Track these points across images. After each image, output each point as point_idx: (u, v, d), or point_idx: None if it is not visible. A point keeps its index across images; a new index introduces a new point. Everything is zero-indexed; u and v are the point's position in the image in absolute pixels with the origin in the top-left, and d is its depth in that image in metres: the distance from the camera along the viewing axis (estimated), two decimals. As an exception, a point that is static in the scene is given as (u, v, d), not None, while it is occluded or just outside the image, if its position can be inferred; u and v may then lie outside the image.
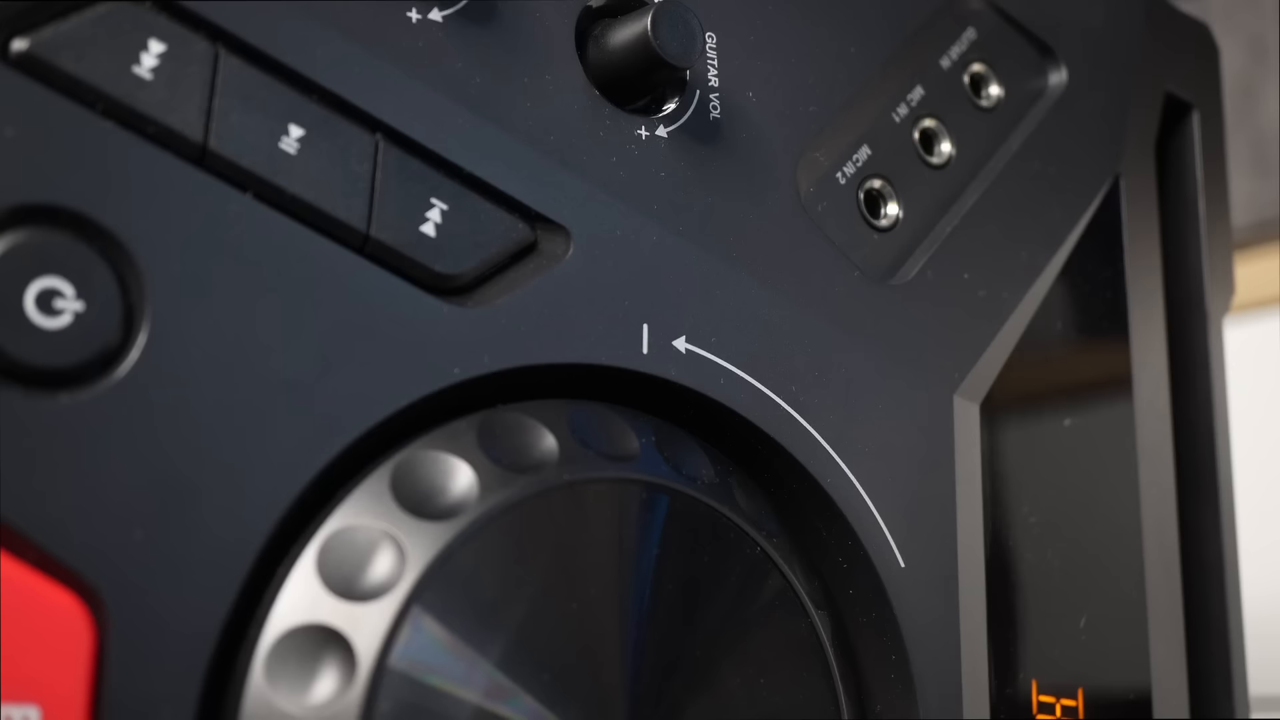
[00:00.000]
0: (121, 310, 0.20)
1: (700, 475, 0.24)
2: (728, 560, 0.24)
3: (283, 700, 0.20)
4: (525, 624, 0.21)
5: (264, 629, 0.20)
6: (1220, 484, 0.35)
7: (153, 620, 0.19)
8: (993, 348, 0.29)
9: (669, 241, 0.25)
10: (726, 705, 0.23)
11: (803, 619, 0.25)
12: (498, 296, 0.23)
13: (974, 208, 0.30)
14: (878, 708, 0.27)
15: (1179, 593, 0.32)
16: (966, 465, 0.28)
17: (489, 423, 0.23)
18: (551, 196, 0.24)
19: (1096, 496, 0.31)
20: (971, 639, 0.28)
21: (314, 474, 0.21)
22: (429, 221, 0.23)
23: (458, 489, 0.21)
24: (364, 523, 0.21)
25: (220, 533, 0.20)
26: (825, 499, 0.26)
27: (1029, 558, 0.29)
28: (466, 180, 0.23)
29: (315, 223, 0.22)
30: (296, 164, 0.22)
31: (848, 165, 0.29)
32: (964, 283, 0.29)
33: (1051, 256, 0.31)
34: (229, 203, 0.21)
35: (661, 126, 0.26)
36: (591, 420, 0.23)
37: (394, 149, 0.23)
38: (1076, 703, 0.29)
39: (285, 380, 0.21)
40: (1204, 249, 0.35)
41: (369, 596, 0.20)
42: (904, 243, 0.29)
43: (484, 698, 0.20)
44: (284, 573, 0.21)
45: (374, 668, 0.20)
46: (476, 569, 0.21)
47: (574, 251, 0.24)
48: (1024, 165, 0.31)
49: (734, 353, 0.26)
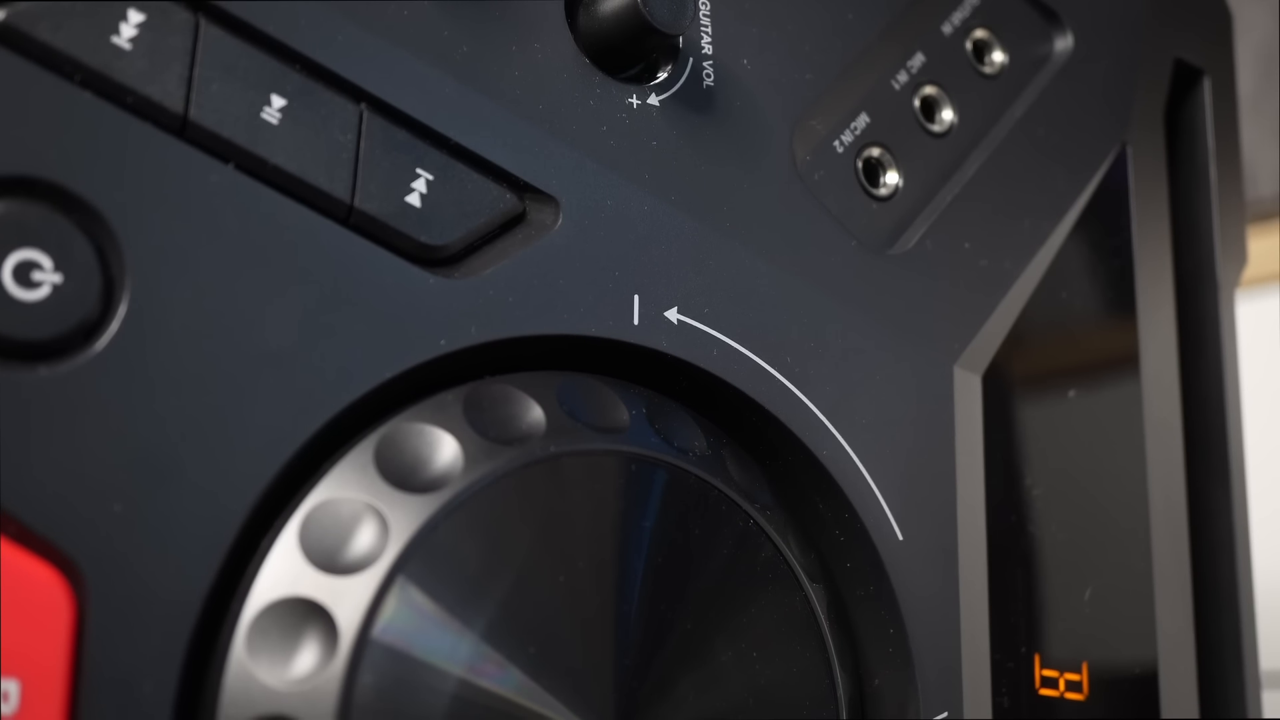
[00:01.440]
0: (100, 282, 0.20)
1: (692, 447, 0.24)
2: (719, 533, 0.23)
3: (264, 673, 0.19)
4: (511, 597, 0.21)
5: (246, 602, 0.20)
6: (1231, 457, 0.34)
7: (133, 594, 0.19)
8: (994, 318, 0.29)
9: (661, 211, 0.25)
10: (718, 678, 0.23)
11: (796, 592, 0.24)
12: (485, 267, 0.23)
13: (976, 176, 0.30)
14: (875, 681, 0.26)
15: (1187, 566, 0.32)
16: (967, 437, 0.28)
17: (475, 395, 0.22)
18: (540, 166, 0.24)
19: (1102, 469, 0.31)
20: (972, 612, 0.27)
21: (297, 447, 0.21)
22: (414, 192, 0.23)
23: (442, 461, 0.21)
24: (347, 495, 0.21)
25: (201, 506, 0.20)
26: (821, 471, 0.26)
27: (1032, 530, 0.29)
28: (453, 150, 0.23)
29: (298, 193, 0.22)
30: (279, 134, 0.22)
31: (845, 133, 0.28)
32: (965, 252, 0.29)
33: (1055, 226, 0.30)
34: (210, 174, 0.21)
35: (653, 95, 0.26)
36: (581, 392, 0.23)
37: (378, 119, 0.23)
38: (1081, 676, 0.29)
39: (267, 353, 0.21)
40: (1215, 218, 0.35)
41: (351, 570, 0.20)
42: (903, 212, 0.29)
43: (468, 671, 0.20)
44: (267, 546, 0.20)
45: (356, 641, 0.20)
46: (461, 542, 0.21)
47: (563, 222, 0.24)
48: (1028, 133, 0.31)
49: (727, 324, 0.25)
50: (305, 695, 0.19)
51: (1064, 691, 0.29)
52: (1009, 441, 0.29)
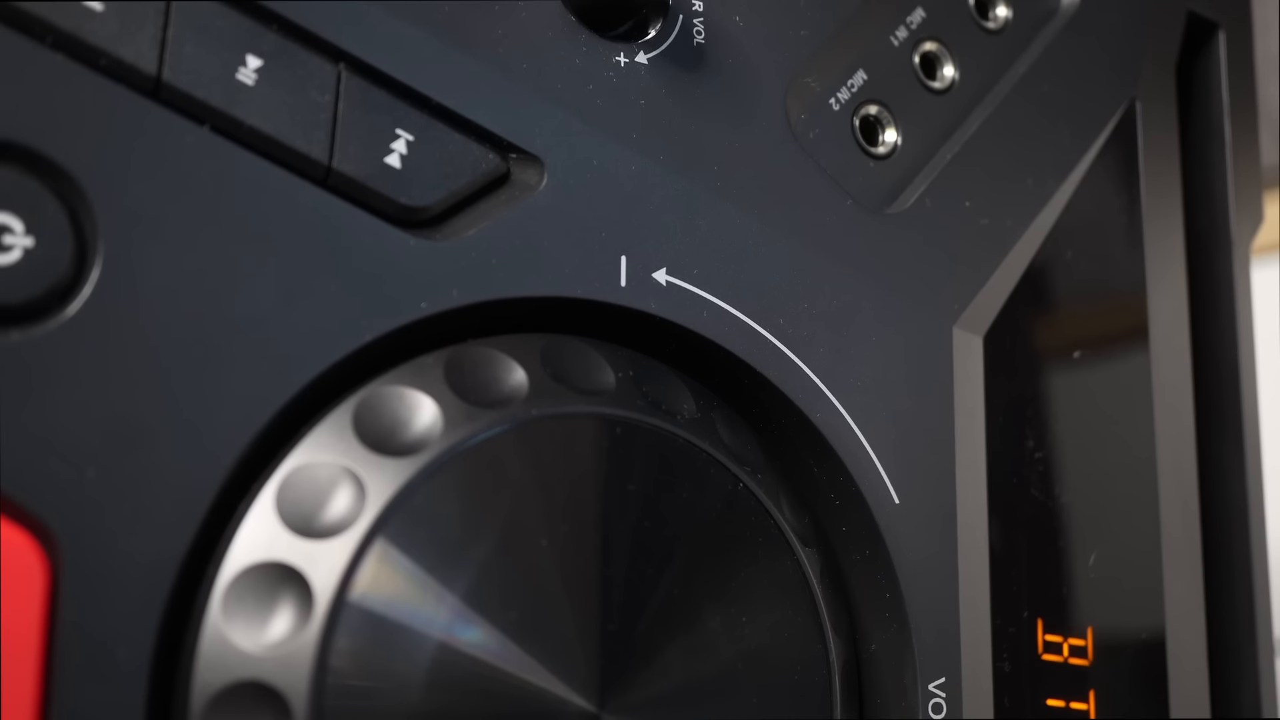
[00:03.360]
0: (73, 246, 0.20)
1: (680, 411, 0.24)
2: (707, 496, 0.23)
3: (239, 638, 0.19)
4: (491, 561, 0.21)
5: (222, 567, 0.20)
6: (1245, 420, 0.33)
7: (107, 558, 0.19)
8: (996, 278, 0.28)
9: (649, 171, 0.25)
10: (706, 643, 0.23)
11: (787, 556, 0.24)
12: (468, 229, 0.23)
13: (977, 134, 0.29)
14: (872, 646, 0.26)
15: (1197, 530, 0.31)
16: (967, 399, 0.28)
17: (457, 357, 0.22)
18: (524, 126, 0.24)
19: (1108, 431, 0.30)
20: (971, 576, 0.27)
21: (274, 411, 0.21)
22: (394, 153, 0.22)
23: (421, 424, 0.21)
24: (324, 459, 0.21)
25: (177, 471, 0.20)
26: (815, 435, 0.25)
27: (1035, 494, 0.28)
28: (434, 110, 0.23)
29: (275, 155, 0.21)
30: (255, 95, 0.21)
31: (842, 91, 0.28)
32: (965, 211, 0.28)
33: (1060, 184, 0.30)
34: (185, 136, 0.21)
35: (642, 53, 0.25)
36: (565, 354, 0.23)
37: (357, 79, 0.22)
38: (1085, 642, 0.29)
39: (244, 316, 0.21)
40: (1229, 175, 0.34)
41: (327, 534, 0.20)
42: (902, 171, 0.28)
43: (448, 635, 0.20)
44: (245, 510, 0.20)
45: (331, 605, 0.19)
46: (440, 506, 0.21)
47: (548, 182, 0.24)
48: (1032, 89, 0.30)
49: (718, 285, 0.25)
50: (280, 660, 0.19)
51: (1068, 657, 0.28)
52: (1012, 404, 0.29)
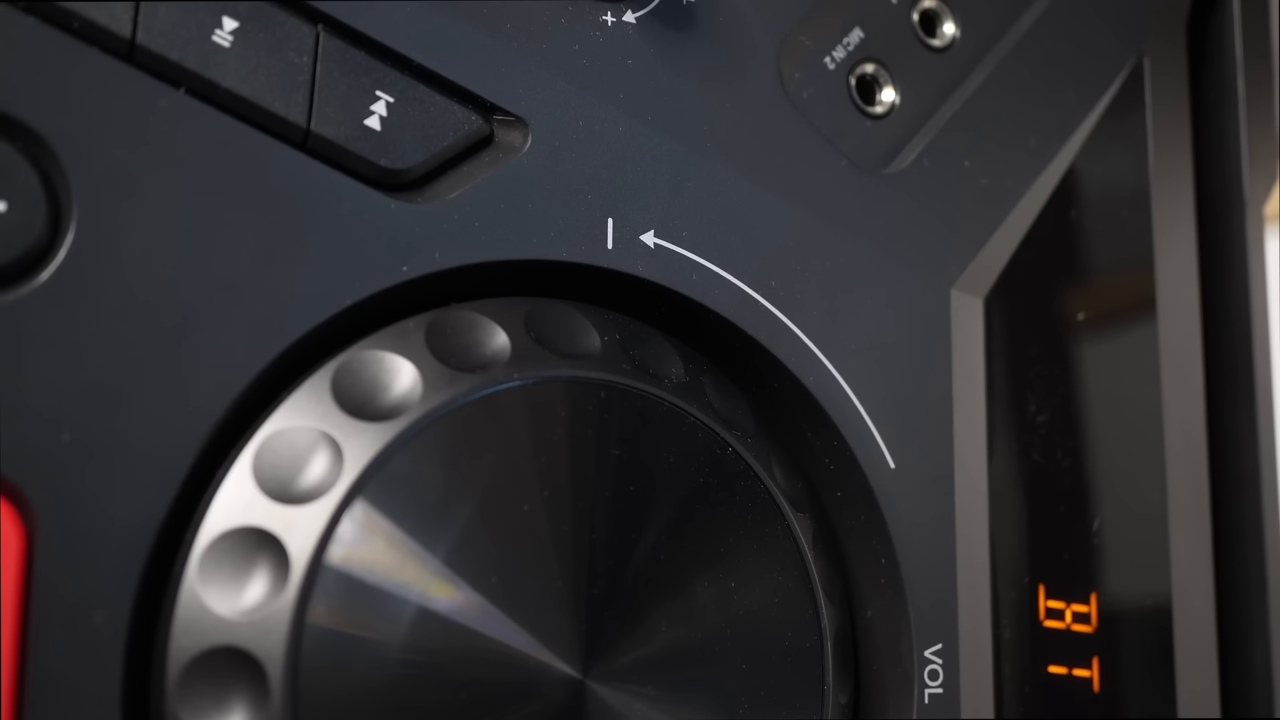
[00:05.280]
0: (47, 211, 0.20)
1: (668, 374, 0.23)
2: (695, 461, 0.23)
3: (216, 603, 0.19)
4: (471, 526, 0.21)
5: (199, 532, 0.20)
6: (1258, 385, 0.33)
7: (84, 523, 0.19)
8: (996, 239, 0.28)
9: (636, 132, 0.24)
10: (693, 608, 0.22)
11: (778, 521, 0.24)
12: (450, 191, 0.23)
13: (978, 92, 0.28)
14: (868, 612, 0.26)
15: (1206, 496, 0.31)
16: (966, 362, 0.27)
17: (439, 321, 0.22)
18: (508, 87, 0.23)
19: (1113, 395, 0.29)
20: (970, 542, 0.26)
21: (252, 376, 0.21)
22: (374, 115, 0.22)
23: (399, 389, 0.21)
24: (302, 424, 0.20)
25: (154, 436, 0.20)
26: (808, 398, 0.25)
27: (1036, 458, 0.28)
28: (415, 71, 0.23)
29: (252, 118, 0.21)
30: (231, 58, 0.21)
31: (837, 49, 0.27)
32: (965, 171, 0.28)
33: (1064, 143, 0.29)
34: (160, 99, 0.21)
35: (629, 12, 0.25)
36: (549, 318, 0.23)
37: (336, 40, 0.22)
38: (1089, 608, 0.28)
39: (221, 280, 0.21)
40: (1243, 133, 0.33)
41: (304, 499, 0.20)
42: (900, 131, 0.28)
43: (427, 599, 0.20)
44: (223, 475, 0.20)
45: (307, 570, 0.19)
46: (419, 470, 0.20)
47: (532, 143, 0.23)
48: (1035, 47, 0.29)
49: (707, 247, 0.25)
50: (256, 625, 0.19)
51: (1071, 623, 0.28)
52: (1013, 367, 0.28)
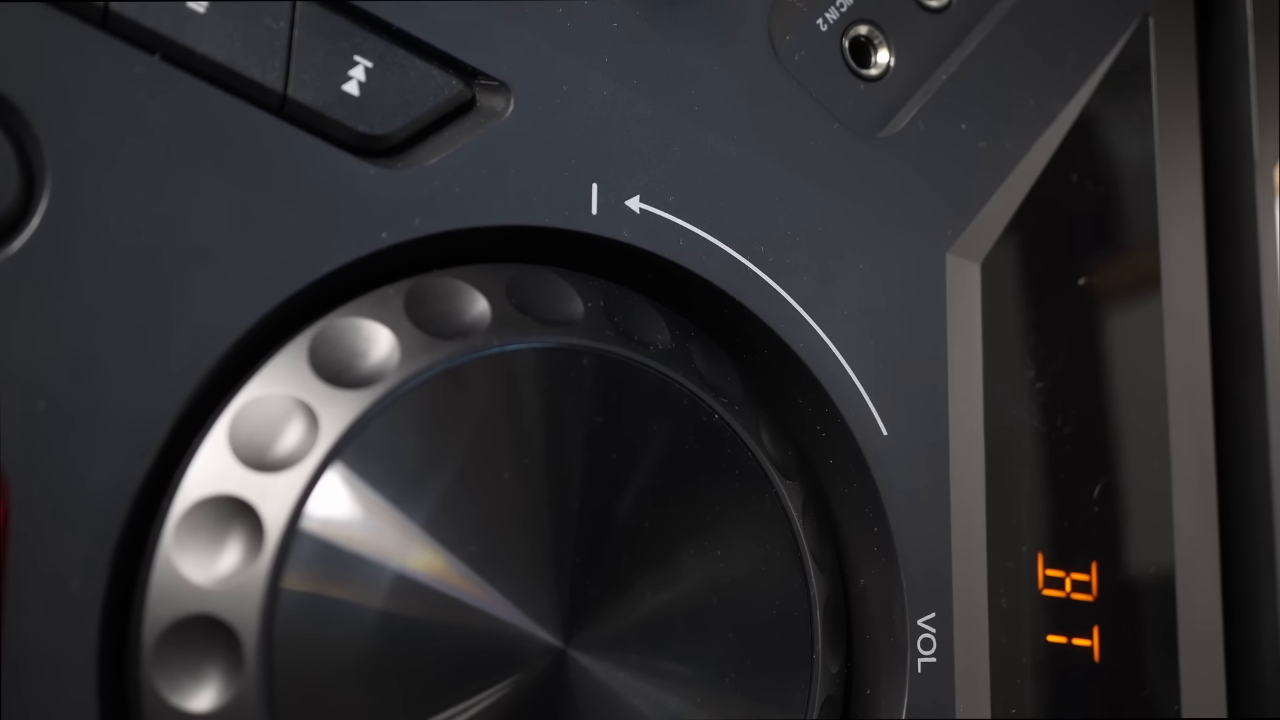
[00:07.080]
0: (19, 179, 0.20)
1: (653, 341, 0.23)
2: (680, 429, 0.23)
3: (191, 571, 0.19)
4: (450, 494, 0.20)
5: (175, 500, 0.20)
6: (1267, 351, 0.32)
7: (59, 492, 0.19)
8: (994, 203, 0.27)
9: (621, 96, 0.24)
10: (678, 576, 0.22)
11: (766, 489, 0.23)
12: (430, 157, 0.22)
13: (975, 53, 0.28)
14: (861, 581, 0.26)
15: (1211, 464, 0.30)
16: (962, 327, 0.27)
17: (419, 288, 0.22)
18: (489, 51, 0.23)
19: (1114, 361, 0.29)
20: (965, 509, 0.26)
21: (229, 344, 0.20)
22: (352, 80, 0.22)
23: (377, 356, 0.21)
24: (278, 392, 0.20)
25: (129, 404, 0.20)
26: (799, 365, 0.25)
27: (1035, 425, 0.28)
28: (394, 36, 0.22)
29: (228, 84, 0.21)
30: (206, 23, 0.21)
31: (830, 11, 0.27)
32: (960, 134, 0.27)
33: (1064, 105, 0.29)
34: (134, 65, 0.20)
35: (615, -26, 0.24)
36: (531, 284, 0.22)
37: (313, 4, 0.22)
38: (1089, 576, 0.28)
39: (198, 248, 0.20)
40: (1253, 94, 0.32)
41: (279, 467, 0.20)
42: (895, 93, 0.27)
43: (405, 567, 0.20)
44: (199, 444, 0.20)
45: (281, 538, 0.19)
46: (396, 438, 0.20)
47: (515, 108, 0.23)
48: (1035, 5, 0.29)
49: (694, 212, 0.24)
50: (231, 593, 0.19)
51: (1070, 592, 0.28)
52: (1011, 333, 0.28)
